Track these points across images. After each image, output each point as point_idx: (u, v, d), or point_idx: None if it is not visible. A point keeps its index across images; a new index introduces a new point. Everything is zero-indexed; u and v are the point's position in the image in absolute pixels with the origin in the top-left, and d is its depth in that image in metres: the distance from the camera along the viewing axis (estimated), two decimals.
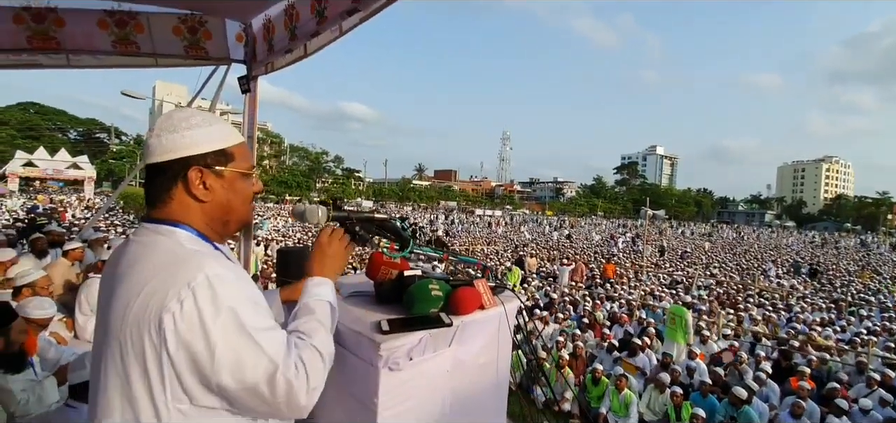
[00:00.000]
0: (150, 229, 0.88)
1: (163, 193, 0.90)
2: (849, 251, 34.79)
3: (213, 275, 0.78)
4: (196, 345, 0.76)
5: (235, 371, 0.78)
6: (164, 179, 0.89)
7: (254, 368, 0.79)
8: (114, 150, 56.13)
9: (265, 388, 0.80)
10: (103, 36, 3.90)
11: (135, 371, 0.77)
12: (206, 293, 0.77)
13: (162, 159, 0.88)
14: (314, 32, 3.28)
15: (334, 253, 1.08)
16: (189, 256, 0.82)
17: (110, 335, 0.80)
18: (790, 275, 19.46)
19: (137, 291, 0.78)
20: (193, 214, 0.91)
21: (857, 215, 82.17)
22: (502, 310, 1.34)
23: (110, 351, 0.79)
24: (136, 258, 0.84)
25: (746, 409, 5.22)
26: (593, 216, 72.44)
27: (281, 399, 0.82)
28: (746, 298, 12.50)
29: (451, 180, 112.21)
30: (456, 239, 26.53)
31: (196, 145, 0.89)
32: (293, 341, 0.89)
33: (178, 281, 0.77)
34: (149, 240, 0.86)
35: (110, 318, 0.81)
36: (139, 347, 0.76)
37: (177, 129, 0.88)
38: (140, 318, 0.76)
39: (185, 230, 0.89)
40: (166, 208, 0.90)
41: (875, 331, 9.17)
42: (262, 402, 0.82)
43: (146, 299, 0.77)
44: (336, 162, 74.11)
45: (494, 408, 1.43)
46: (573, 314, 9.33)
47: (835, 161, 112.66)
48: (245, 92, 4.24)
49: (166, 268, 0.80)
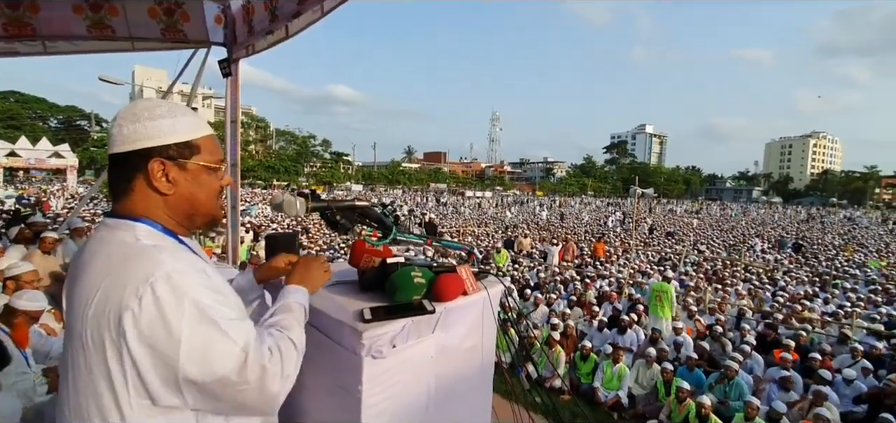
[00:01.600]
0: (110, 225, 0.86)
1: (124, 185, 0.87)
2: (834, 226, 35.50)
3: (171, 269, 0.77)
4: (159, 341, 0.74)
5: (203, 363, 0.77)
6: (125, 170, 0.87)
7: (223, 357, 0.78)
8: (95, 137, 54.96)
9: (236, 377, 0.79)
10: (78, 21, 3.79)
11: (98, 370, 0.76)
12: (165, 288, 0.75)
13: (122, 150, 0.85)
14: (295, 13, 3.21)
15: (315, 275, 1.12)
16: (145, 251, 0.80)
17: (74, 334, 0.79)
18: (775, 250, 19.84)
19: (94, 289, 0.76)
20: (156, 207, 0.88)
21: (844, 189, 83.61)
22: (486, 295, 1.34)
23: (74, 351, 0.78)
24: (92, 255, 0.82)
25: (738, 379, 5.37)
26: (583, 196, 72.93)
27: (253, 386, 0.81)
28: (733, 273, 12.73)
29: (441, 162, 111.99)
30: (446, 221, 26.57)
31: (159, 136, 0.86)
32: (268, 332, 0.90)
33: (136, 277, 0.75)
34: (106, 236, 0.84)
35: (72, 317, 0.79)
36: (100, 346, 0.75)
37: (139, 118, 0.85)
38: (99, 317, 0.75)
39: (145, 224, 0.86)
40: (128, 201, 0.88)
41: (859, 303, 9.41)
42: (234, 393, 0.81)
43: (104, 298, 0.75)
44: (324, 146, 73.24)
45: (480, 390, 1.44)
46: (563, 293, 9.44)
47: (822, 137, 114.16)
48: (226, 75, 4.16)
49: (122, 265, 0.77)
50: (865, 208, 62.22)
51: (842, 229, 32.21)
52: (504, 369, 1.73)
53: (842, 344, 6.72)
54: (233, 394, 0.81)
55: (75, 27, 3.79)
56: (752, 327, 7.34)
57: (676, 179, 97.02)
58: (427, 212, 30.24)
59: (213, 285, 0.83)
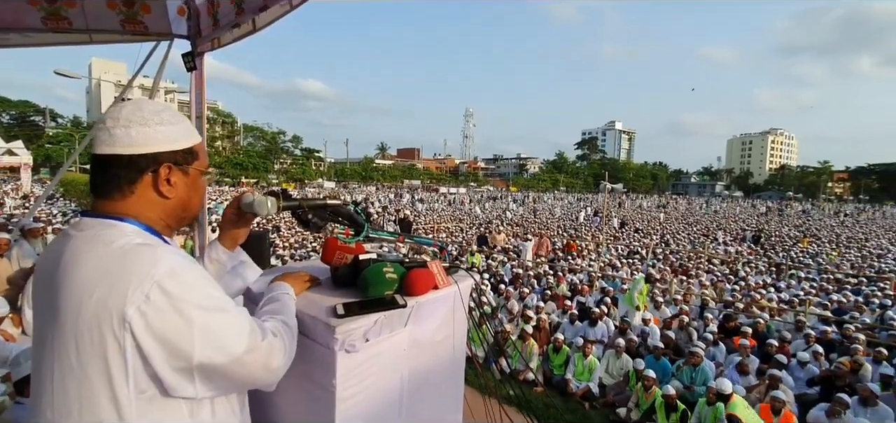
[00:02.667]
0: (94, 223, 0.85)
1: (123, 186, 0.87)
2: (791, 218, 37.32)
3: (174, 264, 0.80)
4: (172, 333, 0.77)
5: (217, 347, 0.81)
6: (128, 171, 0.87)
7: (235, 338, 0.84)
8: (50, 133, 52.19)
9: (247, 356, 0.85)
10: (32, 12, 3.59)
11: (95, 369, 0.76)
12: (172, 282, 0.78)
13: (131, 152, 0.86)
14: (262, 6, 3.14)
15: (301, 283, 1.23)
16: (143, 248, 0.81)
17: (60, 335, 0.77)
18: (736, 242, 20.73)
19: (90, 287, 0.76)
20: (151, 209, 0.90)
21: (799, 183, 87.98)
22: (456, 289, 1.37)
23: (61, 351, 0.77)
24: (80, 254, 0.80)
25: (703, 366, 5.61)
26: (556, 191, 74.17)
27: (260, 363, 0.88)
28: (697, 265, 13.23)
29: (415, 159, 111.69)
30: (420, 218, 26.56)
31: (168, 141, 0.90)
32: (264, 317, 0.99)
33: (139, 274, 0.77)
34: (94, 234, 0.83)
35: (58, 317, 0.78)
36: (99, 344, 0.75)
37: (148, 122, 0.87)
38: (99, 315, 0.75)
39: (131, 224, 0.86)
40: (121, 202, 0.88)
41: (811, 292, 9.95)
42: (244, 371, 0.87)
43: (104, 296, 0.75)
44: (294, 142, 71.72)
45: (452, 382, 1.48)
46: (537, 288, 9.60)
47: (779, 133, 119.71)
48: (190, 69, 4.02)
49: (121, 262, 0.78)
50: (819, 202, 65.64)
51: (798, 222, 33.91)
52: (477, 362, 1.76)
53: (797, 330, 7.11)
54: (243, 373, 0.87)
55: (29, 18, 3.59)
56: (714, 316, 7.68)
57: (644, 174, 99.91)
58: (401, 209, 30.12)
59: (209, 278, 0.89)
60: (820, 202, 63.96)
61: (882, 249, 19.58)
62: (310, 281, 1.27)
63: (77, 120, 59.41)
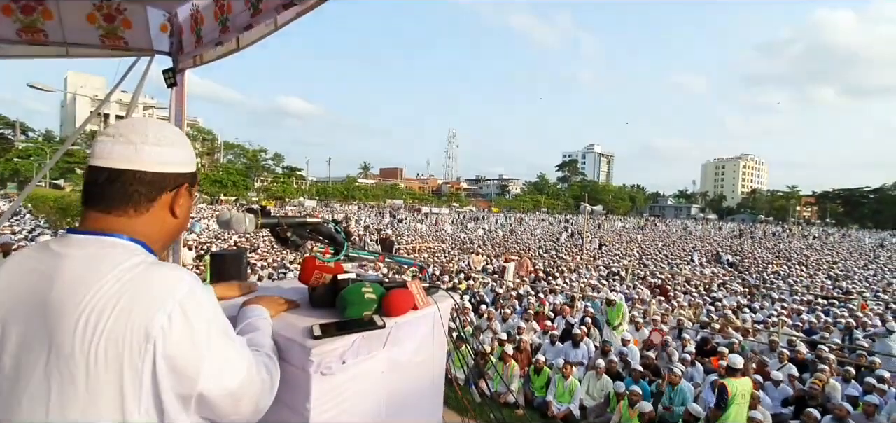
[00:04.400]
0: (92, 241, 0.82)
1: (141, 203, 0.87)
2: (763, 240, 38.45)
3: (194, 286, 0.80)
4: (183, 358, 0.76)
5: (219, 379, 0.81)
6: (150, 189, 0.87)
7: (233, 374, 0.84)
8: (20, 147, 50.45)
9: (242, 390, 0.86)
10: (7, 22, 3.49)
11: (106, 394, 0.73)
12: (193, 306, 0.78)
13: (162, 171, 0.88)
14: (247, 25, 3.12)
15: (277, 306, 1.21)
16: (162, 268, 0.81)
17: (61, 362, 0.72)
18: (712, 263, 21.22)
19: (108, 309, 0.73)
20: (158, 227, 0.90)
21: (770, 207, 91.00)
22: (436, 309, 1.36)
23: (63, 379, 0.72)
24: (86, 274, 0.76)
25: (681, 387, 5.67)
26: (538, 212, 74.93)
27: (252, 400, 0.89)
28: (675, 286, 13.47)
29: (398, 178, 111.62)
30: (403, 238, 26.44)
31: (186, 163, 0.93)
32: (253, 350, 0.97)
33: (162, 293, 0.76)
34: (97, 253, 0.80)
35: (59, 342, 0.73)
36: (116, 367, 0.72)
37: (175, 143, 0.90)
38: (119, 337, 0.72)
39: (128, 241, 0.84)
40: (132, 219, 0.86)
41: (783, 313, 10.21)
42: (235, 405, 0.86)
43: (125, 315, 0.73)
44: (276, 160, 70.96)
45: (430, 403, 1.45)
46: (518, 308, 9.61)
47: (750, 158, 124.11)
48: (171, 86, 3.97)
49: (143, 281, 0.77)
50: (788, 225, 67.90)
51: (769, 244, 34.95)
52: (457, 384, 1.75)
53: (771, 351, 7.26)
54: (232, 408, 0.86)
55: (3, 29, 3.49)
56: (692, 336, 7.79)
57: (623, 196, 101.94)
58: (383, 229, 29.94)
59: (218, 304, 0.88)
60: (790, 225, 66.16)
61: (849, 270, 20.28)
62: (286, 305, 1.24)
63: (49, 134, 57.65)
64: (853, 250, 32.53)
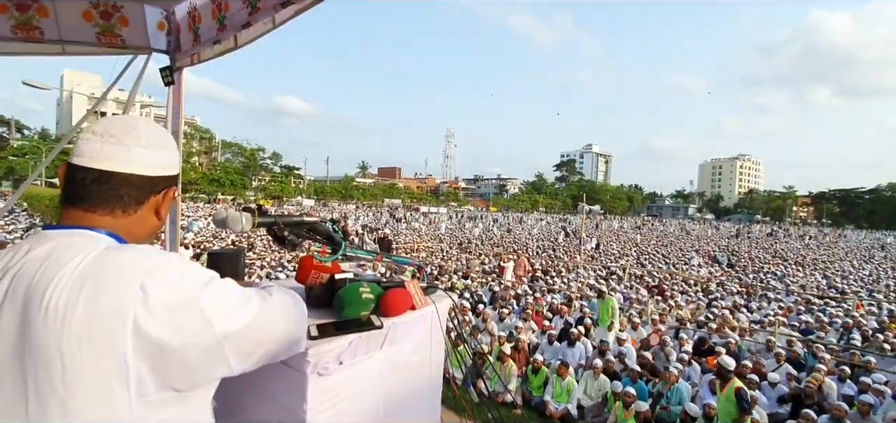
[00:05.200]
0: (61, 234, 0.80)
1: (128, 204, 0.86)
2: (759, 241, 38.58)
3: (159, 257, 0.78)
4: (184, 320, 0.75)
5: (233, 312, 0.80)
6: (139, 192, 0.87)
7: (245, 302, 0.83)
8: (15, 145, 50.16)
9: (266, 315, 0.86)
10: (2, 20, 3.48)
11: (86, 383, 0.70)
12: (164, 268, 0.76)
13: (153, 173, 0.87)
14: (245, 24, 3.11)
15: None
16: (122, 250, 0.79)
17: (36, 358, 0.71)
18: (709, 263, 21.27)
19: (75, 299, 0.71)
20: (142, 227, 0.90)
21: (767, 207, 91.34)
22: (433, 309, 1.36)
23: (39, 376, 0.70)
24: (52, 266, 0.74)
25: (678, 386, 5.68)
26: (536, 212, 74.99)
27: (286, 321, 0.91)
28: (672, 286, 13.50)
29: (396, 178, 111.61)
30: (401, 238, 26.42)
31: (175, 166, 0.94)
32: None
33: (130, 272, 0.73)
34: (62, 245, 0.78)
35: (32, 339, 0.71)
36: (91, 355, 0.70)
37: (165, 146, 0.90)
38: (88, 321, 0.70)
39: (107, 235, 0.83)
40: (117, 218, 0.85)
41: (780, 313, 10.25)
42: (271, 334, 0.88)
43: (92, 299, 0.71)
44: (274, 159, 70.81)
45: (428, 404, 1.45)
46: (516, 308, 9.61)
47: (747, 159, 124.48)
48: (168, 84, 3.95)
49: (106, 265, 0.74)
50: (785, 225, 68.21)
51: (766, 244, 35.06)
52: (455, 384, 1.74)
53: (767, 350, 7.28)
54: (269, 327, 0.87)
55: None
56: (689, 336, 7.81)
57: (621, 196, 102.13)
58: (381, 228, 29.90)
59: (188, 259, 0.88)
60: (786, 225, 66.42)
61: (844, 271, 20.37)
62: None
63: (45, 132, 57.37)
64: (850, 250, 32.69)
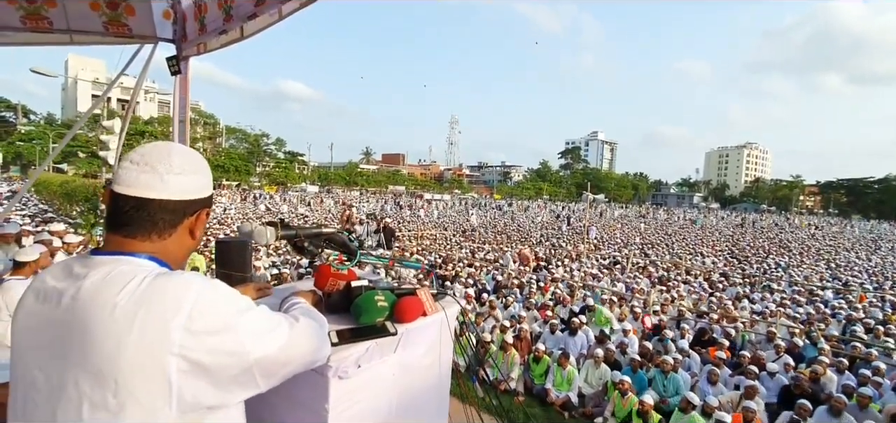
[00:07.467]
0: (108, 261, 0.85)
1: (164, 228, 0.90)
2: (764, 231, 38.40)
3: (203, 282, 0.83)
4: (223, 342, 0.80)
5: (266, 337, 0.86)
6: (174, 216, 0.91)
7: (277, 327, 0.89)
8: (22, 130, 50.37)
9: (295, 338, 0.92)
10: (10, 11, 3.50)
11: (135, 401, 0.76)
12: (209, 296, 0.81)
13: (186, 198, 0.92)
14: (251, 15, 3.12)
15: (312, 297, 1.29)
16: (168, 276, 0.84)
17: (90, 380, 0.76)
18: (714, 253, 21.25)
19: (126, 324, 0.76)
20: (180, 248, 0.94)
21: (773, 196, 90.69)
22: (443, 315, 1.43)
23: (92, 395, 0.76)
24: (101, 294, 0.80)
25: (674, 375, 5.77)
26: (540, 199, 74.88)
27: (311, 340, 0.96)
28: (675, 276, 13.54)
29: (400, 164, 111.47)
30: (404, 226, 26.51)
31: (206, 189, 0.98)
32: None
33: (175, 298, 0.79)
34: (111, 270, 0.83)
35: (87, 361, 0.77)
36: (141, 377, 0.76)
37: (197, 170, 0.94)
38: (141, 349, 0.76)
39: (142, 259, 0.88)
40: (155, 241, 0.90)
41: (783, 303, 10.29)
42: (290, 355, 0.91)
43: (143, 326, 0.76)
44: (278, 145, 70.68)
45: (437, 402, 1.53)
46: (519, 297, 9.70)
47: (754, 147, 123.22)
48: (175, 73, 3.97)
49: (153, 292, 0.80)
50: (791, 214, 67.77)
51: (771, 234, 34.92)
52: (459, 373, 1.82)
53: (768, 341, 7.35)
54: (297, 353, 0.93)
55: (8, 17, 3.50)
56: (690, 326, 7.88)
57: (626, 184, 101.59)
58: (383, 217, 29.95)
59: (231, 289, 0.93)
60: (792, 215, 66.03)
61: (850, 262, 20.31)
62: (313, 297, 1.32)
63: (51, 117, 57.55)
64: (857, 240, 32.52)
